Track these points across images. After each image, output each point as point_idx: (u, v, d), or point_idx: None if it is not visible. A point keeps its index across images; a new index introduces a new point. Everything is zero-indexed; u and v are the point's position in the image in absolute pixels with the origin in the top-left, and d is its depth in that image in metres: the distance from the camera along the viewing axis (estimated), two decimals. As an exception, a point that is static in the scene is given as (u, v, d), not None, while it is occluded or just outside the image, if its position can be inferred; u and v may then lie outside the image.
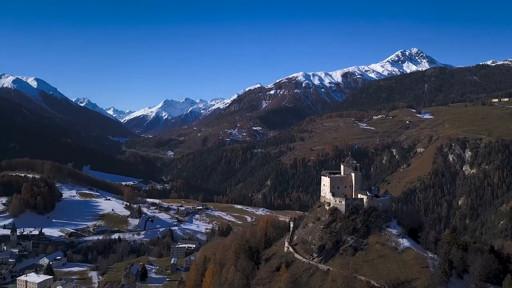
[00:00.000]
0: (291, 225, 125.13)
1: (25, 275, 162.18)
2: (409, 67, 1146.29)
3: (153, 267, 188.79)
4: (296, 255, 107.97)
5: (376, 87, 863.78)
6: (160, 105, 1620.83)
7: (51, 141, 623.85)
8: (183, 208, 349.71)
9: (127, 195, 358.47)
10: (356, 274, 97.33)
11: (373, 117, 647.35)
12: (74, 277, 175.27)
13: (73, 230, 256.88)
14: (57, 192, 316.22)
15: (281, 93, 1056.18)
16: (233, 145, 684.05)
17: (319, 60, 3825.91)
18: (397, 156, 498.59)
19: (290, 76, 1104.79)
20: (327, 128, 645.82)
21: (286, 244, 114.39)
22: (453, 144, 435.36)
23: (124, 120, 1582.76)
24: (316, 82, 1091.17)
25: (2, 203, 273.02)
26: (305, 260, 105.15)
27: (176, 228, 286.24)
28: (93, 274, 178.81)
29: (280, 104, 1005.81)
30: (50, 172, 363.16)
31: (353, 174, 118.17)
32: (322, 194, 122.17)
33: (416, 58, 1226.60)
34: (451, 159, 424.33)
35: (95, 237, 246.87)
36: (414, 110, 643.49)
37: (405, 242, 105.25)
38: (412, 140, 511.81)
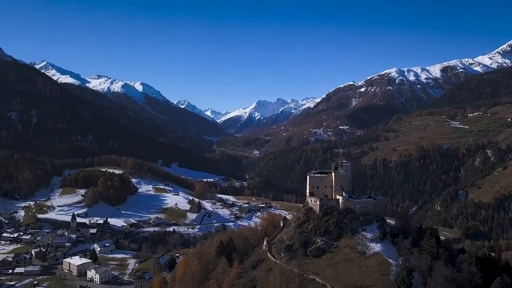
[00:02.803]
0: (281, 224, 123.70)
1: (70, 257, 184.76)
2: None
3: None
4: (268, 254, 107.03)
5: (478, 82, 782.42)
6: (253, 105, 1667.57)
7: (147, 140, 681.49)
8: (247, 205, 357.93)
9: (197, 191, 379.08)
10: (316, 277, 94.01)
11: (469, 114, 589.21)
12: (114, 262, 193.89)
13: (135, 221, 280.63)
14: (131, 186, 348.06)
15: (372, 90, 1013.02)
16: (313, 145, 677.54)
17: (415, 55, 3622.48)
18: (492, 158, 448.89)
19: (382, 72, 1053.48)
20: (415, 127, 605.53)
21: (265, 242, 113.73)
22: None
23: (220, 121, 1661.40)
24: (411, 78, 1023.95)
25: (81, 194, 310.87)
26: (273, 259, 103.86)
27: (231, 224, 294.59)
28: (131, 262, 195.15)
29: (370, 102, 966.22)
30: (131, 168, 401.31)
31: (333, 174, 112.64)
32: (307, 193, 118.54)
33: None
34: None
35: (152, 229, 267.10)
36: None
37: (376, 247, 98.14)
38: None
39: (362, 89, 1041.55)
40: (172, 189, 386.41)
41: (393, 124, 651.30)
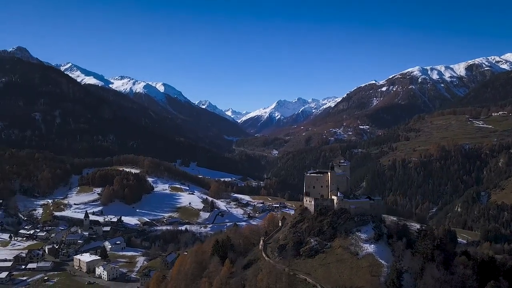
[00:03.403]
0: (279, 223, 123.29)
1: (81, 254, 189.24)
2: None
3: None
4: (263, 253, 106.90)
5: (505, 80, 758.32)
6: (273, 105, 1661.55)
7: (166, 140, 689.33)
8: (261, 205, 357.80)
9: (212, 190, 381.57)
10: (307, 277, 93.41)
11: (493, 113, 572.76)
12: (123, 260, 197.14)
13: (148, 220, 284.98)
14: (147, 185, 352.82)
15: (394, 89, 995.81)
16: (332, 145, 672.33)
17: (438, 53, 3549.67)
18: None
19: (405, 71, 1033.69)
20: (437, 126, 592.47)
21: (261, 242, 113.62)
22: None
23: (241, 121, 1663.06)
24: (435, 76, 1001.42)
25: (97, 193, 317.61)
26: (266, 258, 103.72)
27: (243, 223, 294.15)
28: (140, 259, 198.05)
29: (392, 101, 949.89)
30: (148, 168, 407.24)
31: (329, 174, 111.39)
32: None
33: None
34: None
35: (165, 227, 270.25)
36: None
37: (369, 248, 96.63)
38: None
39: (384, 88, 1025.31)
40: (188, 188, 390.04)
41: (414, 124, 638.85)
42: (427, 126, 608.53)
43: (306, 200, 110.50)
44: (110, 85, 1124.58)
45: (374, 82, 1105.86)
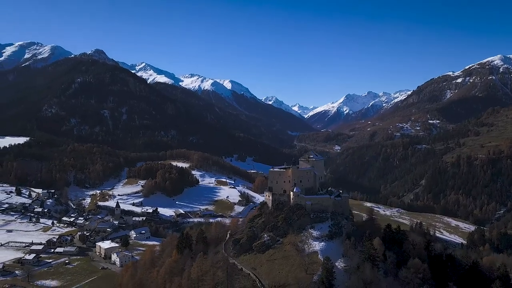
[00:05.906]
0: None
1: (102, 241, 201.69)
2: None
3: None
4: (222, 246, 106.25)
5: None
6: (341, 100, 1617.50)
7: (227, 135, 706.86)
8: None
9: (256, 185, 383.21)
10: (251, 272, 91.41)
11: None
12: (143, 248, 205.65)
13: (183, 212, 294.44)
14: (190, 178, 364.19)
15: (471, 81, 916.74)
16: (394, 141, 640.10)
17: None
18: None
19: (484, 60, 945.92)
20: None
21: (228, 235, 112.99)
22: None
23: (307, 116, 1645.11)
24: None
25: (141, 185, 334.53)
26: (224, 252, 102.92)
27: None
28: (159, 248, 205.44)
29: (468, 93, 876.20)
30: (197, 162, 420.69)
31: (291, 169, 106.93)
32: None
33: None
34: None
35: (197, 219, 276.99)
36: None
37: (317, 246, 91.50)
38: None
39: (459, 80, 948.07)
40: (233, 182, 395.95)
41: (487, 117, 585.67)
42: (501, 120, 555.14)
43: (266, 195, 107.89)
44: (180, 83, 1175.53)
45: (451, 73, 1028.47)
